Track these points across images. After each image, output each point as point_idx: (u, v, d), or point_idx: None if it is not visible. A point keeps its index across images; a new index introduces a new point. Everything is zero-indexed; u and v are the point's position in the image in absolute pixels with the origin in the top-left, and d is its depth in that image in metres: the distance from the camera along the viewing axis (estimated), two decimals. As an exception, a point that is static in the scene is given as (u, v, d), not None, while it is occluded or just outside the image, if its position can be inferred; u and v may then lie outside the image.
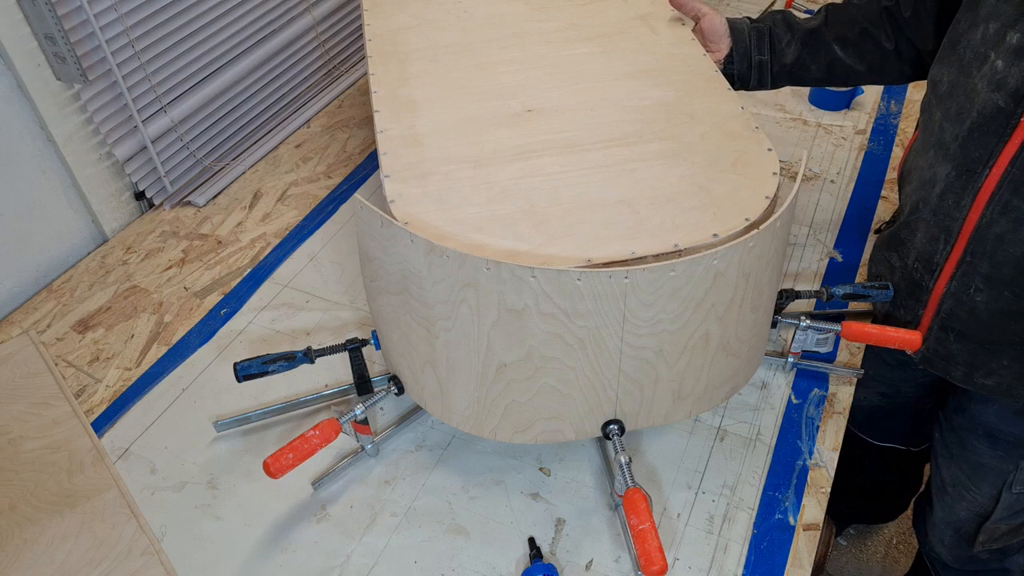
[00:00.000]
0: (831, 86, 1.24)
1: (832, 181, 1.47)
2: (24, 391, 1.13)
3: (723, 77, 1.09)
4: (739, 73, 1.17)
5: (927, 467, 1.66)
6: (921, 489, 1.64)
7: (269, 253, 1.36)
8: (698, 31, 1.19)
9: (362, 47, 1.59)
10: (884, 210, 1.40)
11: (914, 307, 1.08)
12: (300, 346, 1.12)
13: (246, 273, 1.32)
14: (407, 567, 0.92)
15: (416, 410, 1.08)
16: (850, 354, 1.16)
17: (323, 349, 1.04)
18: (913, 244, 1.06)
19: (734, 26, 1.16)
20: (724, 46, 1.16)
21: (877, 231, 1.26)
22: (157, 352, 1.19)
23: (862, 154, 1.54)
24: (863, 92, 1.67)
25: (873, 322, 1.17)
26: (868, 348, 1.26)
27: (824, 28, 1.13)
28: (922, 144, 1.04)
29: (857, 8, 1.12)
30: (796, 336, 1.07)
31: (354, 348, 1.04)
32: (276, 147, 1.62)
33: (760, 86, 1.18)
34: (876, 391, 1.37)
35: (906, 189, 1.10)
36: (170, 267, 1.34)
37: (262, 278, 1.31)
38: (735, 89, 1.16)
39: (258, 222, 1.43)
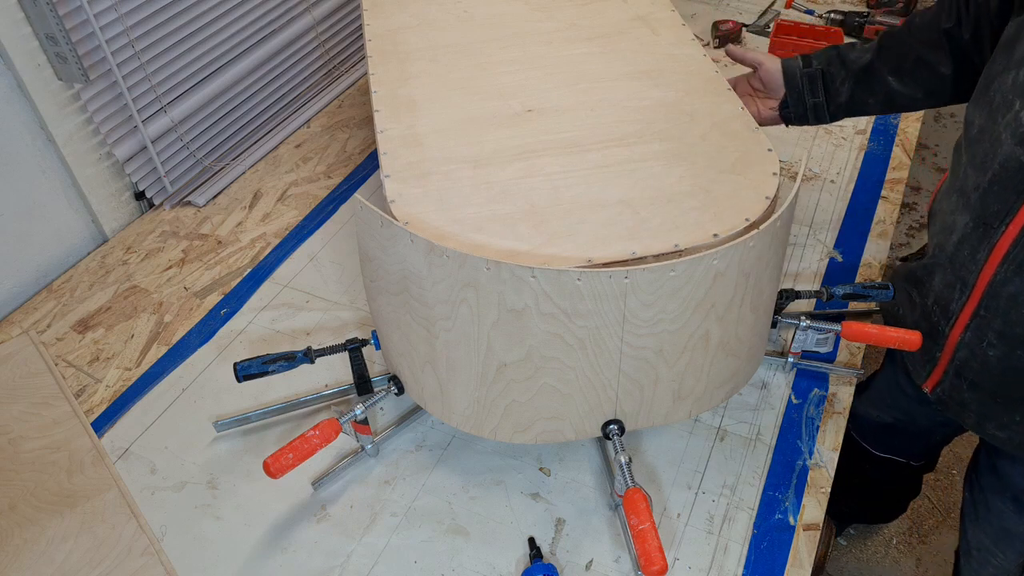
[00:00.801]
0: (892, 114, 1.21)
1: (832, 181, 1.47)
2: (24, 391, 1.13)
3: (723, 78, 1.09)
4: (795, 115, 1.16)
5: (926, 476, 1.66)
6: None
7: (269, 253, 1.36)
8: (756, 80, 1.18)
9: (362, 47, 1.59)
10: (884, 210, 1.40)
11: (931, 348, 1.06)
12: (300, 346, 1.12)
13: (246, 273, 1.32)
14: (407, 567, 0.92)
15: (416, 410, 1.08)
16: (850, 354, 1.16)
17: (323, 349, 1.04)
18: (932, 286, 1.04)
19: (787, 71, 1.14)
20: (781, 92, 1.15)
21: (903, 259, 1.23)
22: (157, 352, 1.19)
23: (862, 154, 1.54)
24: (863, 92, 1.67)
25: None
26: (890, 376, 1.25)
27: (877, 62, 1.10)
28: (948, 187, 1.01)
29: (913, 35, 1.08)
30: (796, 336, 1.07)
31: (354, 348, 1.04)
32: (276, 147, 1.62)
33: (818, 123, 1.17)
34: (890, 414, 1.35)
35: (931, 230, 1.08)
36: (170, 267, 1.34)
37: (262, 278, 1.31)
38: (788, 126, 1.16)
39: (258, 222, 1.43)
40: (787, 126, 1.18)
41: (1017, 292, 0.89)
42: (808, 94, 1.13)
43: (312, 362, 1.04)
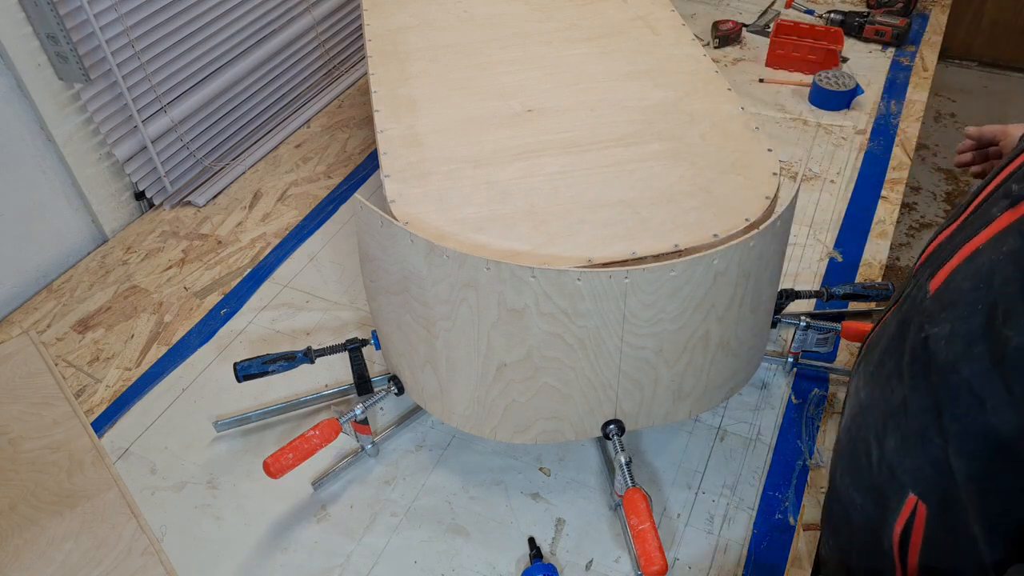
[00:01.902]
0: None
1: (832, 181, 1.47)
2: (24, 391, 1.13)
3: (723, 78, 1.09)
4: None
5: None
6: None
7: (269, 253, 1.36)
8: (996, 152, 1.04)
9: (362, 47, 1.59)
10: (884, 210, 1.40)
11: None
12: (300, 346, 1.12)
13: (246, 273, 1.32)
14: (407, 567, 0.92)
15: (416, 410, 1.08)
16: (850, 354, 1.16)
17: (323, 349, 1.04)
18: None
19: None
20: None
21: None
22: (157, 352, 1.19)
23: (862, 154, 1.54)
24: (863, 92, 1.67)
25: None
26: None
27: None
28: None
29: None
30: (796, 336, 1.07)
31: (354, 348, 1.04)
32: (276, 147, 1.62)
33: None
34: None
35: None
36: (170, 267, 1.34)
37: (262, 278, 1.31)
38: None
39: (258, 222, 1.43)
40: None
41: (859, 376, 0.75)
42: None
43: (312, 362, 1.04)
